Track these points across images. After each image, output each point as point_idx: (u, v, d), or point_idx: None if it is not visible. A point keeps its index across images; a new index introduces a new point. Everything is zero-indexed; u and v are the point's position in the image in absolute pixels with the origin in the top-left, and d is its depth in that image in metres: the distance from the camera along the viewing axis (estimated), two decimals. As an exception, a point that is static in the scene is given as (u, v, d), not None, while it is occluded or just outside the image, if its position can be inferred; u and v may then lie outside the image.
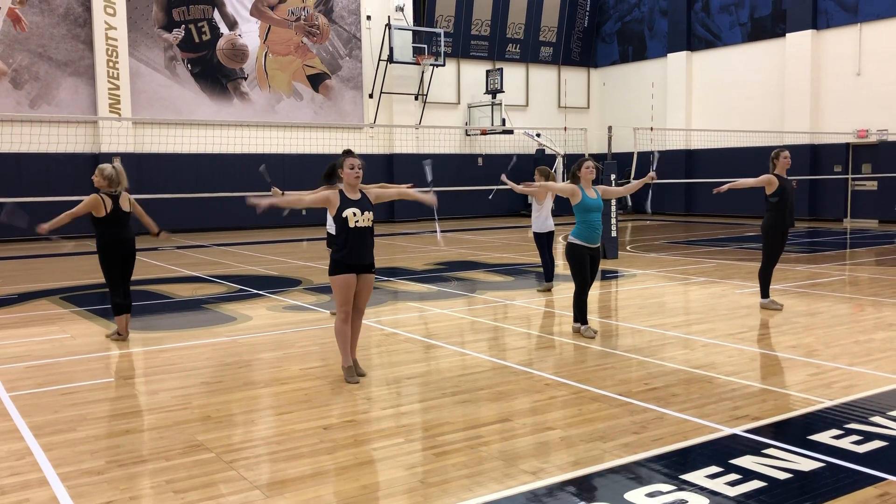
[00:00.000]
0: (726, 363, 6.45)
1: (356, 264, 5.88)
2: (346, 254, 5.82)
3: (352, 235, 5.81)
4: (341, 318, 5.98)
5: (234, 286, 11.30)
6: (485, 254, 15.34)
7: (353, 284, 5.89)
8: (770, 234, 8.80)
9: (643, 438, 4.64)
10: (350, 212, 5.79)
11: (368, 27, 24.84)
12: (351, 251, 5.82)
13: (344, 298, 5.90)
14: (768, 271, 8.89)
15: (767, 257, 8.87)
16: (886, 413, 5.06)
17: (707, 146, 24.71)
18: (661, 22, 27.74)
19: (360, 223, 5.82)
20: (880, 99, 21.87)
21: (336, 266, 5.86)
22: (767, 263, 8.87)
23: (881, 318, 8.34)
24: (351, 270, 5.86)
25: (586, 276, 7.50)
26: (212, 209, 21.79)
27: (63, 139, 18.98)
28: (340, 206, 5.81)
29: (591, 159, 7.68)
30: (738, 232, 19.91)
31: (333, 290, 5.95)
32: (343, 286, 5.86)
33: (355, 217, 5.79)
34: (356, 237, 5.83)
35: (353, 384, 5.92)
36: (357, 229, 5.82)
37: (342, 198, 5.85)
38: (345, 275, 5.85)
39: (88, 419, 5.21)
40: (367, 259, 5.94)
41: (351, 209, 5.80)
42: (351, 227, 5.80)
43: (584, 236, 7.41)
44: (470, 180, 26.09)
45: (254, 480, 4.11)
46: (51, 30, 20.20)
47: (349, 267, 5.85)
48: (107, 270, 7.52)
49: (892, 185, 21.91)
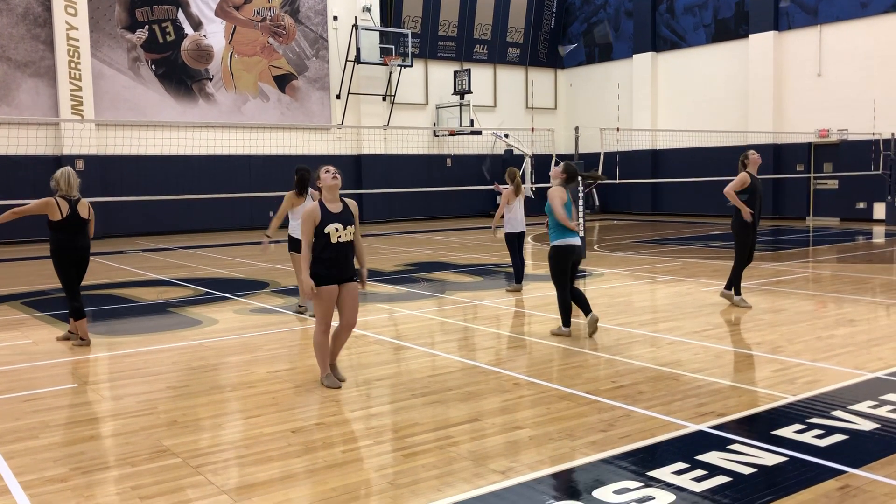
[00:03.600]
0: (692, 360, 6.53)
1: (339, 277, 5.81)
2: (328, 267, 5.74)
3: (334, 251, 5.72)
4: (321, 330, 5.88)
5: (200, 289, 11.18)
6: (454, 254, 15.35)
7: (335, 295, 5.81)
8: (741, 232, 8.96)
9: (611, 436, 4.68)
10: (333, 227, 5.68)
11: (335, 27, 24.74)
12: (332, 266, 5.74)
13: (326, 310, 5.81)
14: (739, 269, 9.04)
15: (740, 255, 9.01)
16: (847, 407, 5.16)
17: (672, 146, 25.00)
18: (626, 23, 28.02)
19: (342, 238, 5.73)
20: (840, 99, 22.29)
21: (319, 279, 5.74)
22: (739, 261, 9.01)
23: (842, 314, 8.50)
24: (333, 282, 5.78)
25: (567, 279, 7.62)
26: (177, 212, 21.55)
27: (24, 141, 18.65)
28: (323, 221, 5.68)
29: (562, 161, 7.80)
30: (704, 231, 20.17)
31: (314, 303, 5.85)
32: (326, 298, 5.76)
33: (338, 233, 5.70)
34: (339, 252, 5.75)
35: (336, 388, 5.84)
36: (340, 244, 5.73)
37: (324, 212, 5.70)
38: (327, 287, 5.75)
39: (51, 426, 5.12)
40: (348, 272, 5.86)
41: (333, 224, 5.68)
42: (333, 243, 5.71)
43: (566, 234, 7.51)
44: (439, 181, 26.13)
45: (222, 485, 4.07)
46: (9, 30, 19.82)
47: (332, 279, 5.77)
48: (62, 275, 7.41)
49: (853, 184, 22.35)
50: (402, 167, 25.41)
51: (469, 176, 26.75)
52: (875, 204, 22.07)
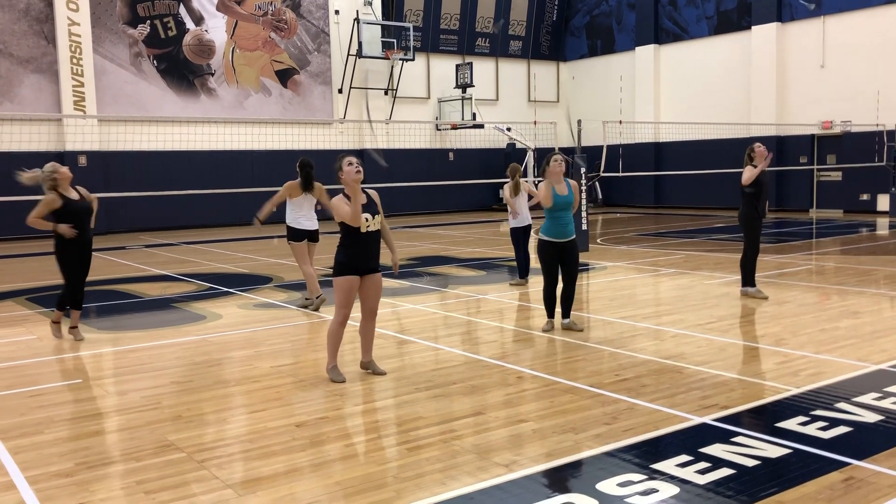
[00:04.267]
0: (695, 353, 6.52)
1: (363, 267, 5.80)
2: (354, 258, 5.73)
3: (363, 240, 5.71)
4: (338, 321, 5.85)
5: (204, 284, 11.20)
6: (457, 248, 15.35)
7: (357, 286, 5.80)
8: (749, 223, 8.98)
9: (614, 429, 4.69)
10: (363, 216, 5.67)
11: (337, 22, 24.69)
12: (360, 256, 5.73)
13: (345, 300, 5.79)
14: (752, 261, 9.07)
15: (751, 247, 9.04)
16: (851, 399, 5.16)
17: (675, 139, 24.95)
18: (629, 15, 27.93)
19: (371, 228, 5.73)
20: (844, 90, 22.22)
21: (341, 268, 5.75)
22: (751, 253, 9.05)
23: (846, 306, 8.49)
24: (356, 273, 5.78)
25: (553, 272, 7.51)
26: (180, 207, 21.55)
27: (26, 137, 18.64)
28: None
29: (560, 153, 7.68)
30: (707, 223, 20.14)
31: (335, 292, 5.83)
32: (346, 288, 5.76)
33: (367, 223, 5.69)
34: (367, 242, 5.74)
35: (341, 382, 5.83)
36: (369, 234, 5.73)
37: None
38: (349, 276, 5.75)
39: (56, 421, 5.14)
40: (374, 262, 5.85)
41: (364, 214, 5.68)
42: (363, 233, 5.69)
43: (552, 232, 7.43)
44: (441, 175, 26.08)
45: (226, 479, 4.08)
46: (11, 26, 19.81)
47: (355, 269, 5.77)
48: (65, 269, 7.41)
49: (856, 176, 22.29)
50: (405, 161, 25.39)
51: (471, 170, 26.72)
52: (879, 195, 22.01)
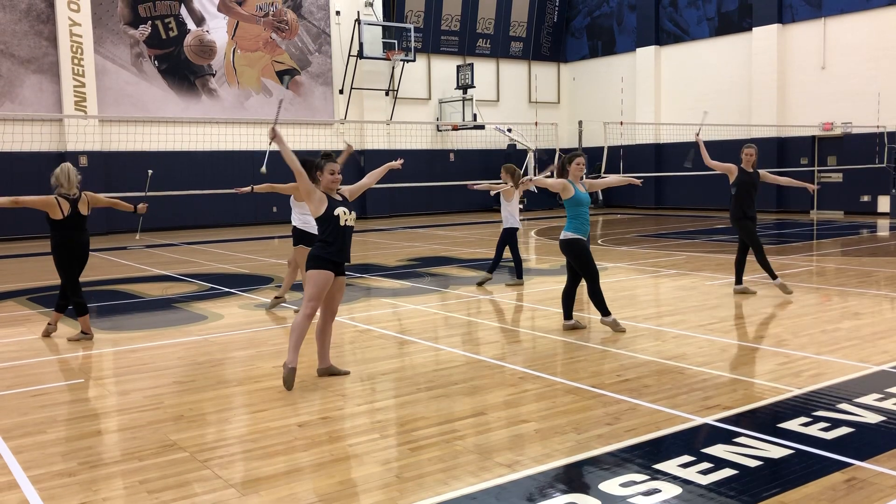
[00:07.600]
0: (697, 354, 6.52)
1: (340, 262, 5.91)
2: (334, 251, 5.84)
3: (341, 234, 5.86)
4: (306, 313, 5.82)
5: (205, 285, 11.20)
6: (457, 249, 15.35)
7: (331, 282, 5.87)
8: (737, 224, 9.33)
9: (616, 429, 4.69)
10: (341, 210, 5.85)
11: (338, 22, 24.71)
12: (339, 249, 5.86)
13: (317, 294, 5.82)
14: (763, 257, 9.20)
15: (755, 245, 9.20)
16: (853, 400, 5.16)
17: (676, 140, 24.94)
18: (629, 17, 27.94)
19: (348, 222, 5.89)
20: (844, 92, 22.23)
21: (318, 261, 5.82)
22: (758, 250, 9.20)
23: (847, 307, 8.49)
24: (332, 269, 5.85)
25: (594, 265, 7.51)
26: (181, 207, 21.56)
27: (27, 138, 18.65)
28: (330, 205, 5.82)
29: (583, 154, 7.78)
30: (708, 224, 20.14)
31: (309, 284, 5.85)
32: (322, 281, 5.81)
33: (345, 216, 5.86)
34: (345, 235, 5.89)
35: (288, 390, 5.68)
36: (346, 227, 5.89)
37: (329, 197, 5.87)
38: (325, 271, 5.82)
39: (59, 420, 5.14)
40: (348, 257, 6.01)
41: (341, 208, 5.86)
42: (341, 226, 5.85)
43: (580, 230, 7.47)
44: (442, 176, 26.09)
45: (228, 479, 4.08)
46: (13, 26, 19.82)
47: (333, 264, 5.86)
48: (62, 271, 7.44)
49: (857, 177, 22.29)
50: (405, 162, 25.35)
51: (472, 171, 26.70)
52: (879, 197, 22.02)
